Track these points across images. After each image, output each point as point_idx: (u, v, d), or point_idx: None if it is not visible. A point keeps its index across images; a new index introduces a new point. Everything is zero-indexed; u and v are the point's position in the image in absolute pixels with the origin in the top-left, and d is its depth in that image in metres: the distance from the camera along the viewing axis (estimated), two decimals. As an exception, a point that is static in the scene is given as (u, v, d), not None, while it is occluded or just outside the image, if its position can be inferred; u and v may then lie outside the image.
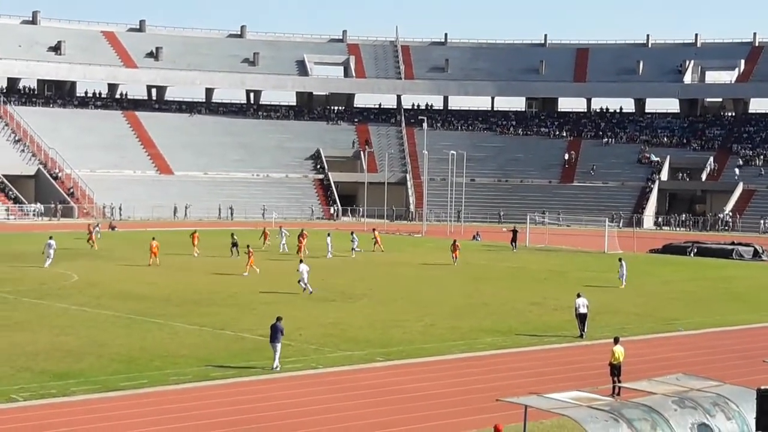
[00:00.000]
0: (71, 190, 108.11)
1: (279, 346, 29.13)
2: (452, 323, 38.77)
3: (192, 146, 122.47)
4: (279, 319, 29.61)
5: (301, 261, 49.53)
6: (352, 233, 69.81)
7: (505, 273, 59.48)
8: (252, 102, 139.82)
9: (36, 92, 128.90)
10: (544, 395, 20.32)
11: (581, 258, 71.48)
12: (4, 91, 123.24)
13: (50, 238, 57.16)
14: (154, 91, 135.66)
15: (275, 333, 29.10)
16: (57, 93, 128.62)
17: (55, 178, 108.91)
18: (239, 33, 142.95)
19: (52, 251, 55.58)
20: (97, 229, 75.81)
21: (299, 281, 46.42)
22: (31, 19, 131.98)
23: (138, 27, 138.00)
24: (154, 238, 60.13)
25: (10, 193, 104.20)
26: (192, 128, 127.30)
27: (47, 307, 40.58)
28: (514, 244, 76.03)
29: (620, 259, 53.83)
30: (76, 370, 28.26)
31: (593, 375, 28.73)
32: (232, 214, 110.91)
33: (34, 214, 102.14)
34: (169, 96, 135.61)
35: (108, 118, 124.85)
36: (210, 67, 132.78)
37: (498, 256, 70.72)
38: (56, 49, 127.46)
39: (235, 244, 63.63)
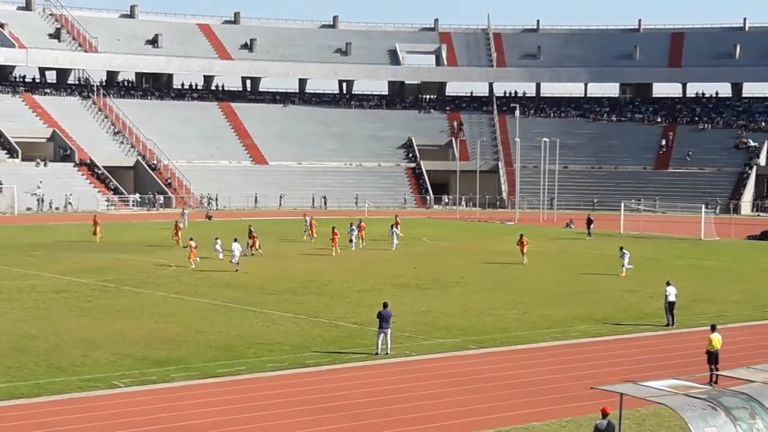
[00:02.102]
0: (169, 181, 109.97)
1: (389, 332, 29.43)
2: (545, 311, 38.64)
3: (286, 136, 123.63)
4: (385, 305, 29.83)
5: (235, 240, 52.19)
6: (392, 226, 66.67)
7: (598, 260, 58.94)
8: (344, 92, 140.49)
9: (134, 85, 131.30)
10: (640, 383, 20.20)
11: (677, 245, 70.50)
12: (104, 84, 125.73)
13: (216, 239, 56.80)
14: (248, 83, 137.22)
15: (385, 319, 29.34)
16: (154, 85, 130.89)
17: (154, 169, 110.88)
18: (332, 23, 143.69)
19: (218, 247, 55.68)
20: (185, 218, 76.42)
21: (231, 260, 49.96)
22: (129, 13, 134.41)
23: (233, 19, 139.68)
24: (251, 227, 60.48)
25: (111, 184, 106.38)
26: (286, 119, 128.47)
27: (147, 295, 41.45)
28: (589, 231, 74.95)
29: (621, 248, 52.54)
30: (175, 357, 28.85)
31: (690, 363, 28.43)
32: (325, 203, 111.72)
33: (133, 205, 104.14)
34: (263, 87, 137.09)
35: (204, 109, 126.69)
36: (303, 57, 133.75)
37: (592, 244, 70.12)
38: (153, 42, 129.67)
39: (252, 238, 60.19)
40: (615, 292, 44.43)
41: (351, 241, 63.40)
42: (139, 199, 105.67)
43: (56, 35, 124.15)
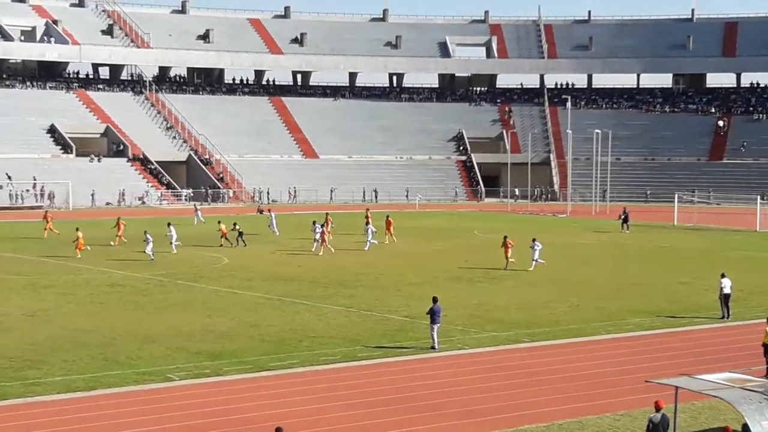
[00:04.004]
0: (221, 175, 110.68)
1: (438, 327, 29.42)
2: (599, 304, 38.39)
3: (336, 130, 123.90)
4: (435, 300, 29.80)
5: (169, 224, 53.88)
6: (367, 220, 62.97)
7: (652, 253, 58.46)
8: (395, 85, 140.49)
9: (186, 80, 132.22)
10: (695, 376, 20.02)
11: (732, 237, 69.74)
12: (156, 79, 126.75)
13: (169, 224, 58.14)
14: (299, 77, 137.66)
15: (436, 314, 29.33)
16: (206, 80, 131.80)
17: (206, 164, 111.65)
18: (382, 17, 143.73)
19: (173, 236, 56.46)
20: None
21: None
22: (180, 8, 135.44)
23: (283, 14, 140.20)
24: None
25: (163, 178, 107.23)
26: (336, 112, 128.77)
27: (200, 289, 41.74)
28: (625, 225, 73.79)
29: (534, 240, 50.28)
30: (228, 351, 29.03)
31: (745, 356, 28.12)
32: (376, 196, 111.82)
33: (185, 199, 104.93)
34: (313, 81, 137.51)
35: (255, 104, 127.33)
36: (353, 51, 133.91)
37: (645, 236, 69.55)
38: (205, 37, 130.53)
39: (240, 234, 59.43)
40: (669, 285, 44.03)
41: (315, 240, 57.01)
42: (192, 194, 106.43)
43: (109, 31, 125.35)
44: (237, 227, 59.63)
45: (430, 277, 45.93)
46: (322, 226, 57.89)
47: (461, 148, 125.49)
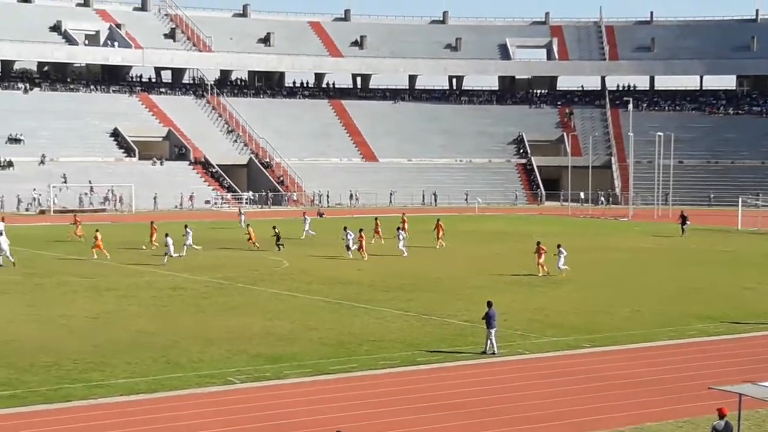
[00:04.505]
0: (281, 179, 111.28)
1: (494, 331, 29.29)
2: (660, 309, 37.99)
3: (396, 133, 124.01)
4: (490, 304, 29.67)
5: (186, 226, 55.02)
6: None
7: (715, 257, 57.76)
8: (454, 87, 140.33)
9: (247, 83, 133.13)
10: (760, 384, 19.72)
11: (797, 241, 68.68)
12: (218, 83, 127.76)
13: (185, 226, 57.92)
14: (358, 80, 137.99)
15: (491, 319, 29.22)
16: (266, 84, 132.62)
17: (266, 167, 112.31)
18: (442, 19, 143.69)
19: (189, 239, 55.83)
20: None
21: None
22: (242, 12, 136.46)
23: (343, 16, 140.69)
24: (377, 218, 60.08)
25: (224, 182, 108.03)
26: (396, 115, 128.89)
27: (260, 292, 41.97)
28: (683, 228, 72.84)
29: (559, 246, 48.92)
30: (288, 354, 29.14)
31: (811, 364, 27.65)
32: (435, 200, 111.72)
33: (246, 202, 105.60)
34: (373, 84, 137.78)
35: (315, 107, 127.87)
36: (413, 54, 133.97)
37: (708, 240, 68.74)
38: (266, 40, 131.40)
39: (278, 237, 58.87)
40: (732, 290, 43.47)
41: (348, 248, 55.89)
42: (253, 197, 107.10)
43: (171, 35, 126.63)
44: (276, 231, 59.42)
45: (489, 281, 45.77)
46: (361, 231, 56.40)
47: (521, 151, 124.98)
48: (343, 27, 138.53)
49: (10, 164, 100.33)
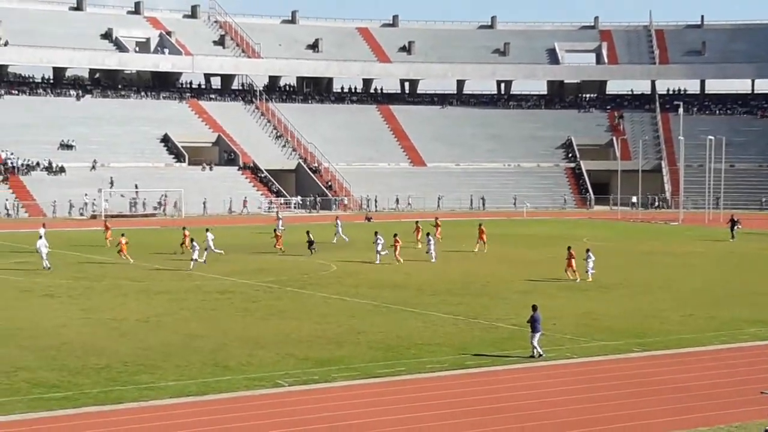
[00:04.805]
0: (329, 183, 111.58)
1: (539, 335, 29.16)
2: (712, 313, 37.60)
3: (444, 138, 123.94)
4: (535, 308, 29.55)
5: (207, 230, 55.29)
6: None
7: (767, 261, 57.11)
8: (503, 92, 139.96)
9: (295, 89, 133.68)
10: (812, 389, 19.46)
11: None
12: (266, 89, 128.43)
13: (207, 230, 58.04)
14: (406, 85, 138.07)
15: (536, 322, 29.10)
16: (315, 89, 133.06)
17: (314, 172, 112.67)
18: (490, 24, 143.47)
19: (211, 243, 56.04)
20: (280, 223, 76.46)
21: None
22: (290, 18, 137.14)
23: (391, 22, 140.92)
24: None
25: (273, 186, 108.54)
26: (444, 120, 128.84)
27: (309, 296, 42.09)
28: (733, 232, 71.92)
29: (587, 250, 48.31)
30: (336, 357, 29.19)
31: None
32: (483, 204, 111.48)
33: (294, 207, 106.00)
34: (421, 89, 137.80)
35: (363, 112, 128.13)
36: (461, 59, 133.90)
37: (760, 244, 67.94)
38: (314, 46, 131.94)
39: (311, 242, 59.05)
40: (785, 295, 42.91)
41: (377, 252, 55.03)
42: (301, 202, 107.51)
43: (220, 42, 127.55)
44: (309, 235, 59.38)
45: (537, 285, 45.57)
46: (396, 236, 55.83)
47: (570, 155, 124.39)
48: (391, 33, 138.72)
49: (62, 170, 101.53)
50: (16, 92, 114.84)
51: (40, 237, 52.87)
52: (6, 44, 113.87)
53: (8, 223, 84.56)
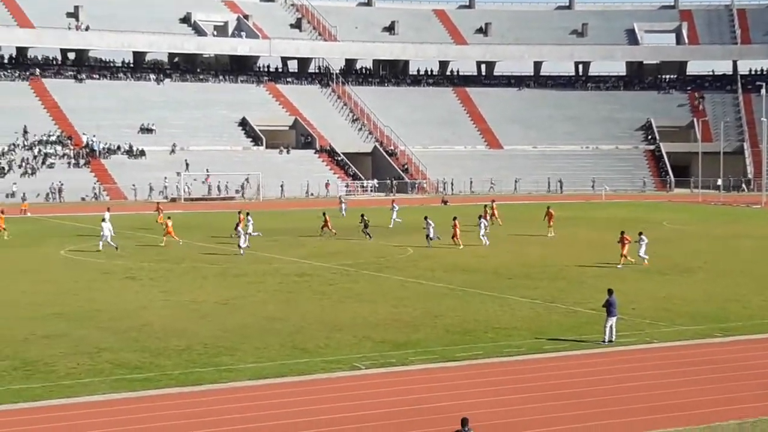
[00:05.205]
0: (405, 166, 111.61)
1: (615, 319, 28.86)
2: (796, 298, 36.91)
3: (521, 120, 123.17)
4: (611, 292, 29.24)
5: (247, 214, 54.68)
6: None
7: None
8: (580, 74, 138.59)
9: (371, 72, 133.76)
10: None
11: None
12: (343, 72, 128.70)
13: (247, 214, 58.36)
14: (483, 67, 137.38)
15: (612, 306, 28.81)
16: (391, 72, 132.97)
17: (391, 155, 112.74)
18: (568, 5, 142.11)
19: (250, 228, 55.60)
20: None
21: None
22: (366, 1, 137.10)
23: (467, 4, 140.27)
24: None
25: (349, 169, 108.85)
26: (520, 102, 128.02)
27: (385, 279, 42.19)
28: None
29: (640, 234, 46.97)
30: (413, 340, 29.22)
31: None
32: (561, 187, 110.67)
33: (371, 190, 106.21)
34: (498, 71, 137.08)
35: (439, 95, 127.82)
36: (538, 40, 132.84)
37: None
38: (390, 29, 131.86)
39: (365, 225, 58.82)
40: None
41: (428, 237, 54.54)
42: (377, 185, 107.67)
43: (297, 25, 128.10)
44: (364, 218, 59.36)
45: (614, 268, 45.08)
46: (455, 219, 54.90)
47: (649, 137, 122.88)
48: (467, 14, 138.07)
49: (142, 153, 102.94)
50: (97, 77, 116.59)
51: (104, 220, 53.84)
52: (87, 29, 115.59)
53: (93, 206, 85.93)
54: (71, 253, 52.00)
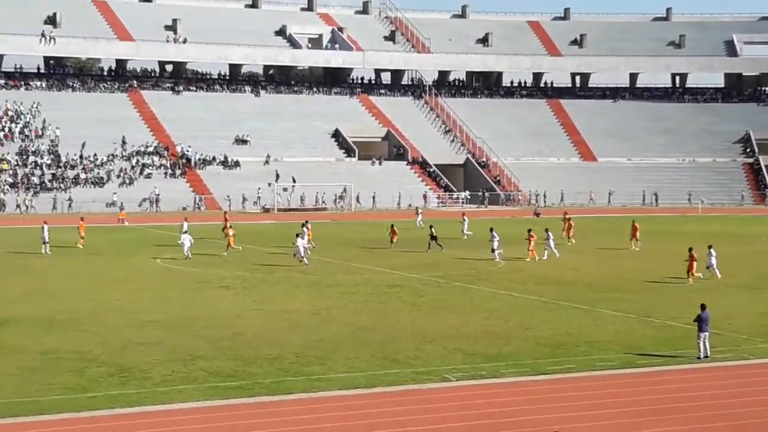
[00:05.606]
0: (497, 178, 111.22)
1: (706, 335, 28.32)
2: None
3: (615, 132, 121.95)
4: (703, 307, 28.73)
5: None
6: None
7: None
8: (678, 86, 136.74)
9: (464, 84, 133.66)
10: None
11: None
12: (436, 83, 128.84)
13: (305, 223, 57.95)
14: (577, 78, 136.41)
15: (703, 322, 28.30)
16: (484, 84, 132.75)
17: (483, 167, 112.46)
18: (664, 16, 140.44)
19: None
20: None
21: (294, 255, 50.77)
22: (460, 13, 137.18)
23: (563, 15, 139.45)
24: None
25: (441, 181, 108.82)
26: (615, 114, 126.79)
27: (477, 291, 42.04)
28: None
29: (710, 247, 45.79)
30: (504, 353, 29.06)
31: None
32: (656, 200, 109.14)
33: (463, 202, 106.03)
34: (592, 82, 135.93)
35: (532, 106, 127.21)
36: (634, 51, 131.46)
37: None
38: (484, 41, 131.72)
39: (434, 238, 58.21)
40: None
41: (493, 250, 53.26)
42: (469, 197, 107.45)
43: (391, 37, 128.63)
44: (432, 231, 59.01)
45: (711, 283, 44.30)
46: (530, 231, 54.25)
47: (748, 150, 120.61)
48: (562, 26, 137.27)
49: (236, 164, 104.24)
50: (194, 89, 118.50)
51: (185, 231, 54.69)
52: (185, 42, 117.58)
53: (191, 216, 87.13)
54: (167, 261, 52.85)
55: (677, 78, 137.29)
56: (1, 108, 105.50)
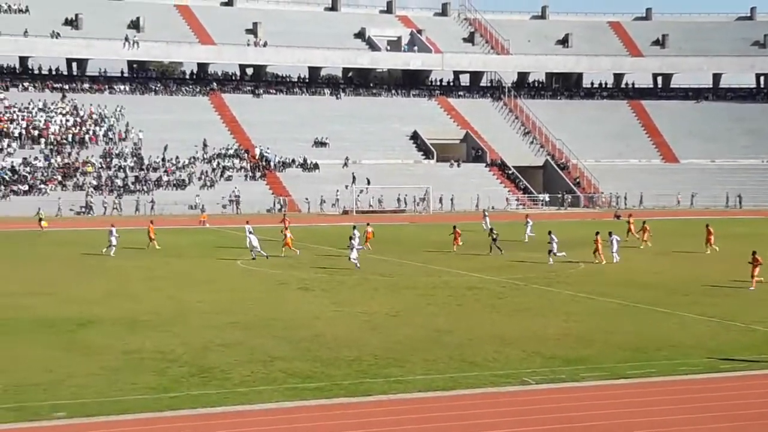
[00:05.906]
0: (577, 180, 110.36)
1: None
2: None
3: (698, 134, 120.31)
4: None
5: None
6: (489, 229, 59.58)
7: None
8: (762, 86, 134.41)
9: (544, 85, 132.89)
10: None
11: None
12: (515, 85, 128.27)
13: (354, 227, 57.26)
14: (659, 79, 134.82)
15: None
16: (563, 85, 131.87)
17: (562, 169, 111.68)
18: (749, 15, 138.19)
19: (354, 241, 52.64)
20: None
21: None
22: (540, 14, 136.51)
23: (644, 15, 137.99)
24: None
25: (520, 183, 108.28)
26: (698, 115, 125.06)
27: (556, 294, 41.74)
28: None
29: (754, 253, 43.87)
30: (584, 356, 28.79)
31: None
32: (740, 202, 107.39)
33: (542, 204, 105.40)
34: (674, 83, 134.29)
35: (613, 107, 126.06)
36: (717, 51, 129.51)
37: None
38: (564, 42, 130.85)
39: (494, 239, 57.72)
40: None
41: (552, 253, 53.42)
42: (548, 199, 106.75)
43: (470, 39, 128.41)
44: (494, 233, 58.55)
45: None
46: (597, 234, 53.72)
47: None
48: (643, 26, 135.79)
49: (315, 166, 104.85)
50: (274, 91, 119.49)
51: (251, 232, 55.35)
52: (265, 45, 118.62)
53: (271, 218, 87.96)
54: (247, 263, 53.34)
55: (762, 78, 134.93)
56: (85, 112, 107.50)
